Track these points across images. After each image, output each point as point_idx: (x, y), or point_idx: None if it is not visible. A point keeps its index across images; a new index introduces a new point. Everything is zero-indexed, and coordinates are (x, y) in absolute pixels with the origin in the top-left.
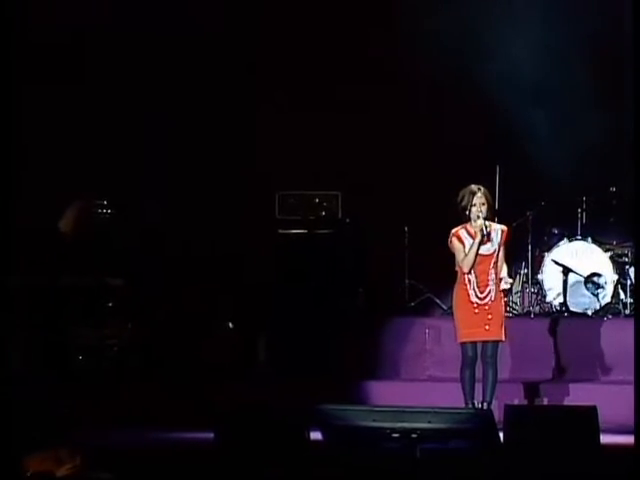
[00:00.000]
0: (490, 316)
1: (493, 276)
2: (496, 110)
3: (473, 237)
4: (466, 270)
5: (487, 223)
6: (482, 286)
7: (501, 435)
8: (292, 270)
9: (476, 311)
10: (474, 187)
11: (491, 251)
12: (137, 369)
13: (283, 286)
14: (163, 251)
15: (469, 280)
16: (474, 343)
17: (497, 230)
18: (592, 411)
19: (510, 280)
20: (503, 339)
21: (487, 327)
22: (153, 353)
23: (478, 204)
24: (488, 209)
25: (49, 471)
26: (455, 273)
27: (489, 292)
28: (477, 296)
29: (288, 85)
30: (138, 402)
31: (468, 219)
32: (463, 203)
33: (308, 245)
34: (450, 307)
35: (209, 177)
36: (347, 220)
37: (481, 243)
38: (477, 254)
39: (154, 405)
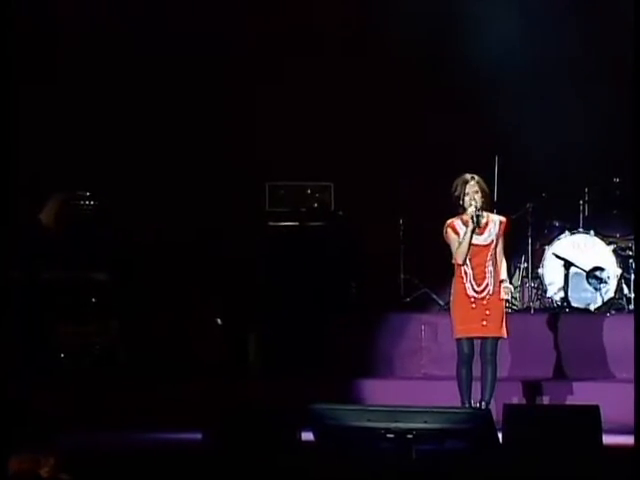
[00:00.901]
0: (488, 312)
1: (491, 269)
2: (495, 99)
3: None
4: (460, 261)
5: (481, 212)
6: (479, 279)
7: (500, 436)
8: (283, 264)
9: (473, 306)
10: (467, 176)
11: (488, 242)
12: (122, 368)
13: (273, 281)
14: (149, 245)
15: (465, 273)
16: (471, 339)
17: (495, 221)
18: (594, 411)
19: (510, 287)
20: (503, 336)
21: (484, 323)
22: (139, 351)
23: (471, 192)
24: (483, 198)
25: (31, 470)
26: (452, 267)
27: (487, 285)
28: (474, 289)
29: (279, 72)
30: (123, 402)
31: (463, 209)
32: (456, 193)
33: (299, 238)
34: (447, 303)
35: (196, 168)
36: (340, 212)
37: (474, 232)
38: (470, 244)
39: (139, 405)
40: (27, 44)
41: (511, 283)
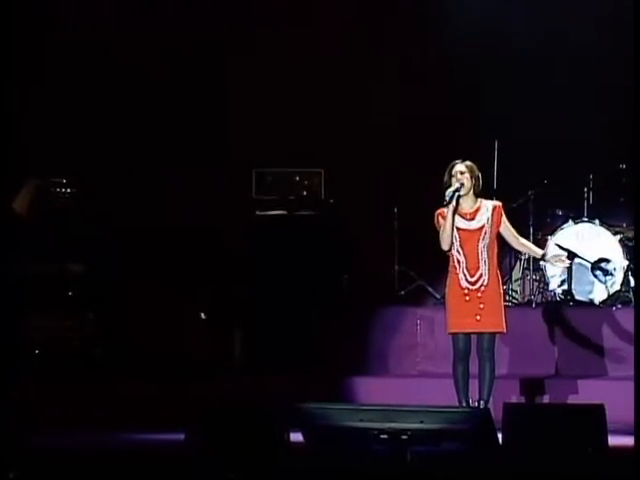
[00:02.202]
0: (482, 305)
1: (485, 257)
2: (495, 81)
3: (462, 216)
4: (444, 247)
5: (462, 190)
6: (472, 269)
7: (499, 436)
8: (270, 255)
9: (467, 298)
10: (457, 161)
11: (477, 227)
12: (100, 363)
13: (260, 273)
14: (129, 235)
15: (458, 262)
16: (467, 335)
17: (487, 206)
18: (599, 410)
19: (560, 256)
20: (501, 330)
21: (478, 317)
22: (117, 346)
23: (457, 174)
24: (473, 180)
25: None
26: (448, 258)
27: (480, 276)
28: (467, 280)
29: (266, 52)
30: (101, 399)
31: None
32: (445, 179)
33: (288, 228)
34: (444, 296)
35: (177, 154)
36: (331, 200)
37: (455, 213)
38: (460, 229)
39: (117, 403)
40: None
41: (511, 276)
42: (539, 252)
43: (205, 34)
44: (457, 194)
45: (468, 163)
